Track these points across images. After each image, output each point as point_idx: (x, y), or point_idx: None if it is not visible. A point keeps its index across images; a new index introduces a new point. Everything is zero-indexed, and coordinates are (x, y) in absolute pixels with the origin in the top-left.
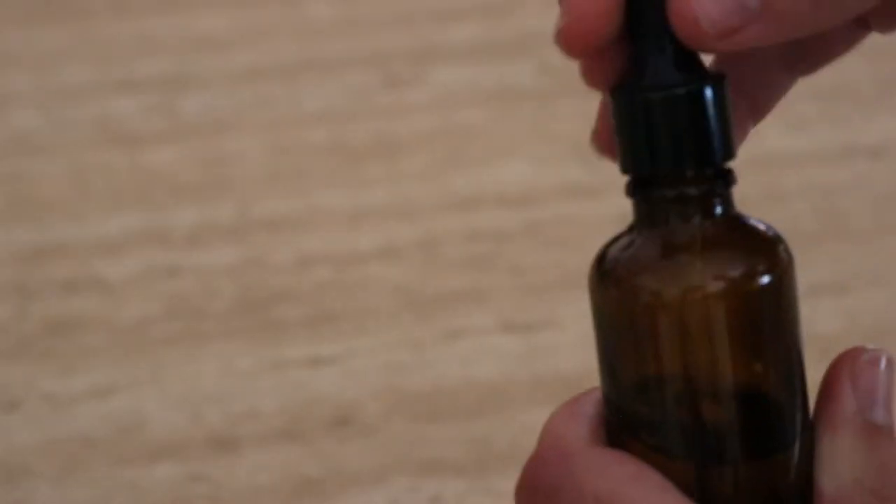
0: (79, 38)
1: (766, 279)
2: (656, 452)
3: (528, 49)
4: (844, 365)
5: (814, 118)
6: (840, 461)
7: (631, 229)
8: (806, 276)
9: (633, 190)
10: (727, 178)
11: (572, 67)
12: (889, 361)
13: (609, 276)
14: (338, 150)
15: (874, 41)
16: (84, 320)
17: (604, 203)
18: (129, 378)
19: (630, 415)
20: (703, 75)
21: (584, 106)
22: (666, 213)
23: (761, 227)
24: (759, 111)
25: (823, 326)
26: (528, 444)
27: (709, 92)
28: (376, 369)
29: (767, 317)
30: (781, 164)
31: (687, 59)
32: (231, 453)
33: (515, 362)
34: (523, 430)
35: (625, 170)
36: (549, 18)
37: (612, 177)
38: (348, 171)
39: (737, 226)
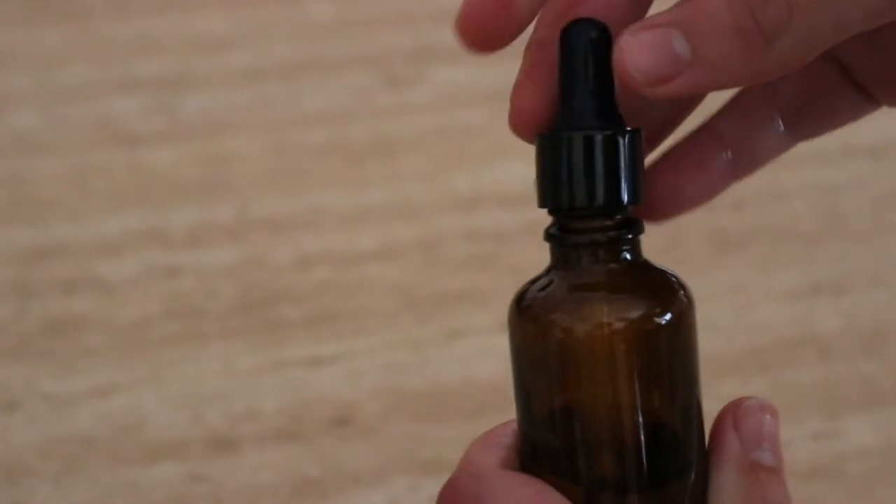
0: (78, 38)
1: (664, 319)
2: (559, 478)
3: (526, 48)
4: (728, 411)
5: None
6: (723, 493)
7: (548, 270)
8: (806, 276)
9: (549, 235)
10: (635, 227)
11: None
12: (772, 409)
13: (525, 312)
14: (338, 150)
15: None
16: (84, 320)
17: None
18: (129, 378)
19: (539, 443)
20: (618, 126)
21: None
22: (578, 256)
23: (664, 273)
24: (743, 167)
25: (823, 326)
26: None
27: (619, 140)
28: (376, 369)
29: (665, 354)
30: (781, 164)
31: (608, 112)
32: (231, 453)
33: None
34: None
35: (539, 204)
36: None
37: None
38: (348, 171)
39: (641, 271)
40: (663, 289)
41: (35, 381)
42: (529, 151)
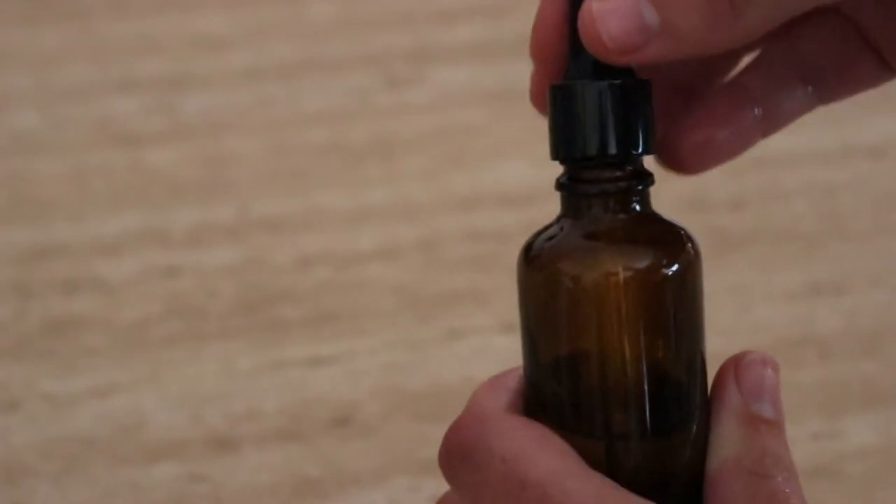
0: (78, 38)
1: (671, 270)
2: (564, 424)
3: (527, 49)
4: (730, 364)
5: (814, 118)
6: (723, 443)
7: (557, 220)
8: (806, 276)
9: (560, 184)
10: (645, 179)
11: None
12: (773, 364)
13: (534, 261)
14: (338, 150)
15: None
16: (84, 320)
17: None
18: (129, 378)
19: (543, 390)
20: (629, 76)
21: None
22: (588, 206)
23: (673, 225)
24: (770, 123)
25: (823, 326)
26: None
27: (629, 90)
28: (376, 369)
29: (672, 305)
30: (781, 164)
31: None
32: (231, 453)
33: (515, 362)
34: None
35: (552, 156)
36: None
37: None
38: (348, 171)
39: (650, 221)
40: (671, 240)
41: (35, 381)
42: (529, 152)
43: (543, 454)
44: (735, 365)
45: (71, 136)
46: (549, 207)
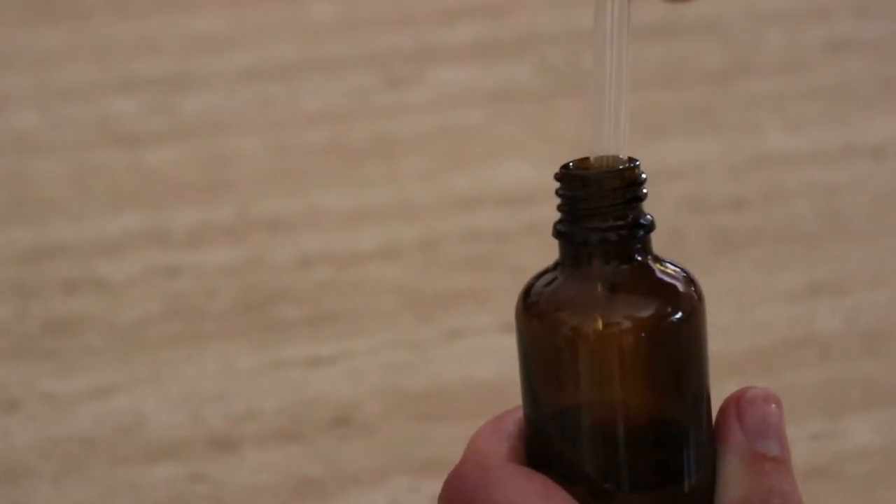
0: (79, 38)
1: (672, 320)
2: (567, 475)
3: (528, 49)
4: (731, 402)
5: (814, 118)
6: (729, 484)
7: (555, 266)
8: (806, 276)
9: (557, 232)
10: (646, 227)
11: (572, 67)
12: (776, 399)
13: (532, 308)
14: (338, 151)
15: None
16: (84, 320)
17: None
18: (129, 378)
19: (546, 437)
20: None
21: (583, 106)
22: (588, 255)
23: (674, 271)
24: None
25: (823, 326)
26: None
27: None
28: (376, 369)
29: (675, 352)
30: (781, 164)
31: None
32: (231, 453)
33: (515, 362)
34: None
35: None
36: (549, 18)
37: None
38: (348, 172)
39: (651, 270)
40: (672, 288)
41: (35, 381)
42: (529, 152)
43: None
44: (737, 403)
45: (71, 136)
46: (549, 208)
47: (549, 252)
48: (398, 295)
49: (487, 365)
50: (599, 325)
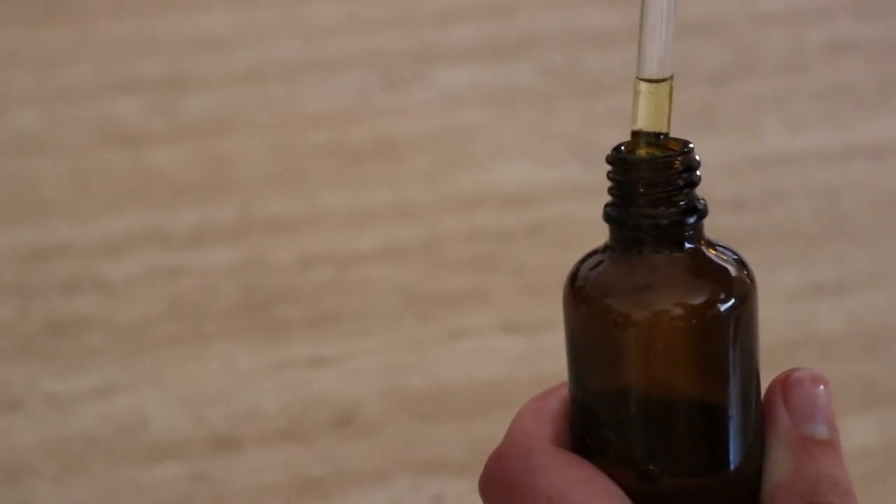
0: (80, 39)
1: (725, 307)
2: (615, 457)
3: (528, 49)
4: (777, 385)
5: (814, 118)
6: (775, 468)
7: (605, 249)
8: (806, 276)
9: (607, 216)
10: (700, 213)
11: (573, 68)
12: (824, 380)
13: (580, 293)
14: (339, 151)
15: (875, 42)
16: (86, 320)
17: (604, 203)
18: (131, 378)
19: (593, 420)
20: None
21: (584, 106)
22: (639, 240)
23: (726, 256)
24: None
25: (823, 326)
26: None
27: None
28: (378, 369)
29: (726, 339)
30: (782, 165)
31: None
32: (233, 453)
33: (516, 362)
34: None
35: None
36: (549, 19)
37: None
38: (350, 172)
39: (703, 255)
40: (724, 274)
41: (37, 381)
42: (531, 152)
43: (590, 496)
44: (782, 385)
45: (73, 137)
46: (551, 208)
47: (549, 252)
48: (399, 295)
49: (489, 365)
50: (650, 312)
